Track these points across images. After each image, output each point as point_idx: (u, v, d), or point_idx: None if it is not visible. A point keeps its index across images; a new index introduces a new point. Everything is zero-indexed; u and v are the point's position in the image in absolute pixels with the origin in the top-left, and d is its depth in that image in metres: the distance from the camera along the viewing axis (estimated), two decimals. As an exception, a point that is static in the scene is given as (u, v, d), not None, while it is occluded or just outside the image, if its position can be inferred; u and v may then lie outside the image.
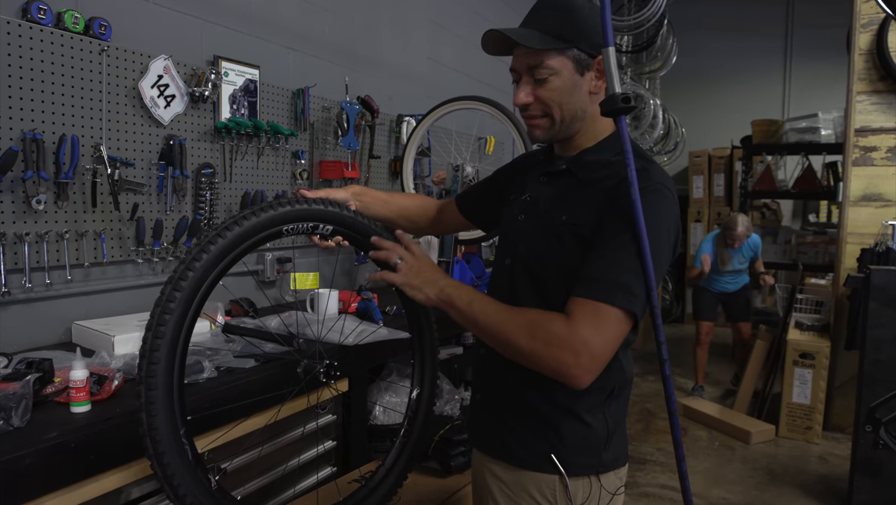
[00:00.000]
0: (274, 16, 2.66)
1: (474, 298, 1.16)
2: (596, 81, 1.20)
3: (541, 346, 1.06)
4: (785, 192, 5.78)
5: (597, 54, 1.18)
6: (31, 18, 1.77)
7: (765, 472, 3.49)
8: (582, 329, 1.04)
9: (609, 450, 1.20)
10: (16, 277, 1.78)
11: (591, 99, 1.21)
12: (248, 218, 1.22)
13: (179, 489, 1.14)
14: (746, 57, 7.42)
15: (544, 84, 1.19)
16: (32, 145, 1.75)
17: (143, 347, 1.13)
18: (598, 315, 1.05)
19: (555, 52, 1.17)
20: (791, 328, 4.17)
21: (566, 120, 1.21)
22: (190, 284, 1.16)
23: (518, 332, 1.09)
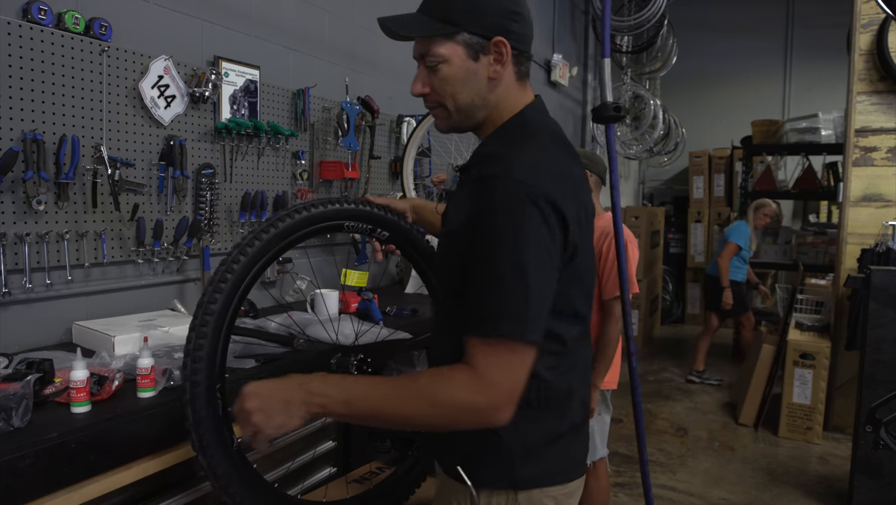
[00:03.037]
0: (274, 16, 2.66)
1: (350, 396, 1.02)
2: (495, 66, 1.10)
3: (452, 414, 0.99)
4: (785, 193, 5.78)
5: (492, 36, 1.09)
6: (32, 19, 1.77)
7: (765, 472, 3.49)
8: (488, 374, 0.96)
9: (530, 465, 1.09)
10: (16, 278, 1.78)
11: (491, 85, 1.12)
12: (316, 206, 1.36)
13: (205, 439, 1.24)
14: (747, 57, 7.42)
15: (436, 72, 1.11)
16: (33, 146, 1.75)
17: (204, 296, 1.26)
18: (496, 354, 0.96)
19: (442, 38, 1.09)
20: (791, 328, 4.17)
21: (462, 110, 1.13)
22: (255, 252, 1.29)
23: (420, 410, 0.99)
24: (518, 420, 1.03)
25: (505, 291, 0.97)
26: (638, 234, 6.02)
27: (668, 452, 3.73)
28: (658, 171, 7.90)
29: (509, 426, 1.04)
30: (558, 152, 1.11)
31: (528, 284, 0.96)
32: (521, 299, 0.96)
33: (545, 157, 1.06)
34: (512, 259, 0.96)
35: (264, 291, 2.63)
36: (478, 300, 0.99)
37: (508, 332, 0.96)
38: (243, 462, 1.31)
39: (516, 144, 1.08)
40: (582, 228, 1.07)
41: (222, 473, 1.26)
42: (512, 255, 0.96)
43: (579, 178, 1.12)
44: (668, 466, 3.54)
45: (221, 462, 1.26)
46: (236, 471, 1.28)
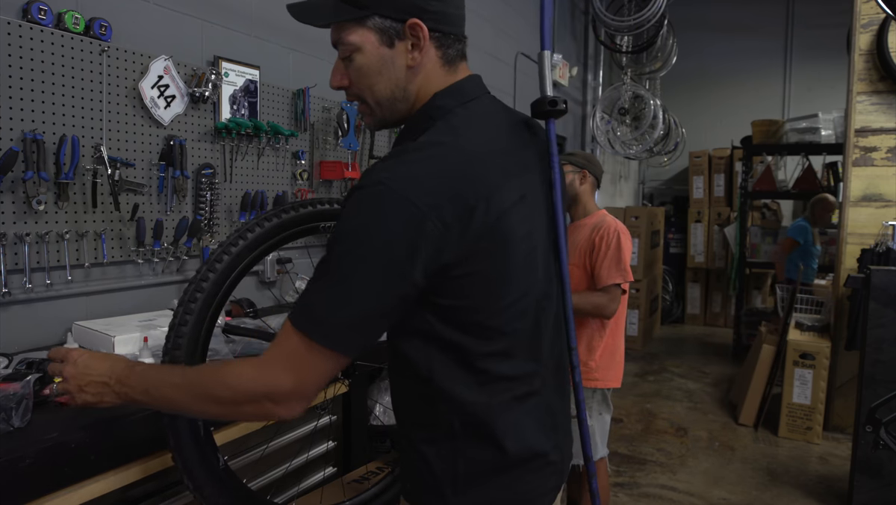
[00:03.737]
0: (274, 16, 2.66)
1: (148, 385, 1.01)
2: (412, 52, 0.98)
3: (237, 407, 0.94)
4: (785, 193, 5.78)
5: (406, 18, 0.96)
6: (32, 19, 1.77)
7: (765, 472, 3.49)
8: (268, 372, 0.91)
9: (467, 494, 0.99)
10: (16, 278, 1.78)
11: (410, 74, 1.00)
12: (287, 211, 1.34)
13: (189, 462, 1.22)
14: (747, 57, 7.42)
15: (351, 63, 1.00)
16: (33, 146, 1.75)
17: (188, 288, 1.24)
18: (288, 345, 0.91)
19: (352, 24, 0.98)
20: (791, 328, 4.17)
21: (383, 103, 1.02)
22: (223, 267, 1.26)
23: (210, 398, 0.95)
24: (448, 448, 0.99)
25: (318, 289, 0.91)
26: (638, 234, 6.02)
27: (668, 452, 3.73)
28: (658, 171, 7.90)
29: (435, 452, 0.99)
30: (452, 143, 0.95)
31: (344, 290, 0.88)
32: (329, 302, 0.89)
33: (422, 153, 0.92)
34: (344, 265, 0.88)
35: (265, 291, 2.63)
36: (306, 286, 0.93)
37: (304, 327, 0.89)
38: (231, 478, 1.29)
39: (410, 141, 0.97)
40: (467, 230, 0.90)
41: (209, 493, 1.24)
42: (346, 260, 0.88)
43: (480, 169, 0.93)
44: (668, 466, 3.54)
45: (208, 483, 1.24)
46: (224, 489, 1.27)
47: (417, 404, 1.02)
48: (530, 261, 1.00)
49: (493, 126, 1.04)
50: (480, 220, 0.91)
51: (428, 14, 0.97)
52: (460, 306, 0.94)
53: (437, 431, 0.99)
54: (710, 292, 7.26)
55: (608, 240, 2.35)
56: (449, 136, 0.96)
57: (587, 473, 1.12)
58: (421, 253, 0.87)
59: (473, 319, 0.95)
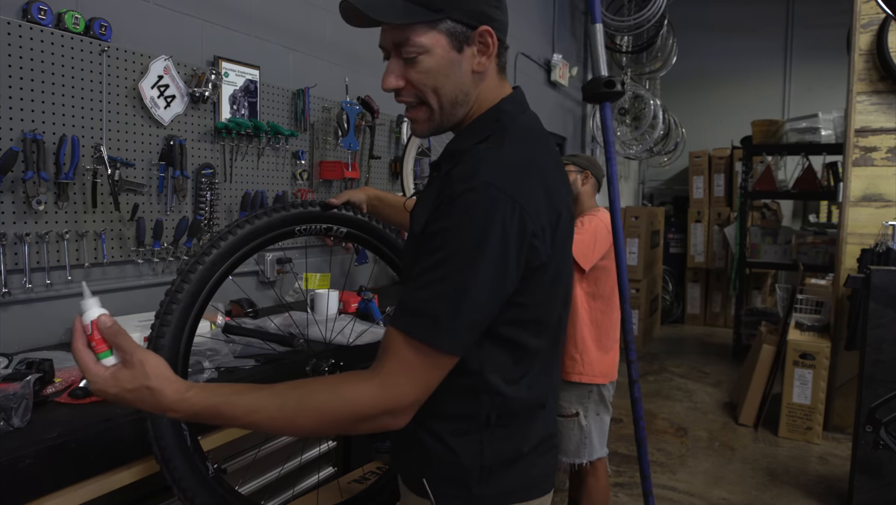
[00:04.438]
0: (274, 16, 2.66)
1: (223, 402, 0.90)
2: (480, 58, 1.00)
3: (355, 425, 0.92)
4: (785, 193, 5.78)
5: (477, 24, 0.98)
6: (32, 19, 1.77)
7: (765, 472, 3.49)
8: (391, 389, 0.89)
9: (488, 485, 1.02)
10: (16, 278, 1.78)
11: (475, 80, 1.02)
12: (260, 217, 1.34)
13: (176, 472, 1.20)
14: (747, 57, 7.42)
15: (414, 65, 0.99)
16: (33, 146, 1.75)
17: (165, 298, 1.24)
18: (405, 359, 0.89)
19: (423, 26, 0.97)
20: (791, 328, 4.17)
21: (445, 107, 1.02)
22: (198, 277, 1.24)
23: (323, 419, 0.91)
24: (476, 439, 1.01)
25: (438, 294, 0.89)
26: (638, 234, 6.02)
27: (667, 452, 3.73)
28: (658, 171, 7.90)
29: (465, 444, 1.00)
30: (532, 151, 1.00)
31: (466, 293, 0.88)
32: (451, 308, 0.88)
33: (517, 157, 0.96)
34: (459, 265, 0.88)
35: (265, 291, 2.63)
36: (410, 291, 0.91)
37: (425, 337, 0.89)
38: (221, 486, 1.29)
39: (489, 142, 0.99)
40: (555, 234, 0.97)
41: (201, 503, 1.24)
42: (460, 260, 0.88)
43: (554, 179, 1.01)
44: (668, 466, 3.54)
45: (199, 492, 1.24)
46: (215, 497, 1.26)
47: (455, 396, 1.00)
48: (570, 260, 1.09)
49: (544, 136, 1.09)
50: (562, 224, 0.99)
51: (496, 23, 1.00)
52: (529, 304, 0.98)
53: (471, 423, 1.01)
54: (710, 292, 7.26)
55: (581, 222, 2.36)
56: (528, 142, 1.01)
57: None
58: (524, 254, 0.92)
59: (535, 315, 1.00)
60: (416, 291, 0.91)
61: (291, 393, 0.92)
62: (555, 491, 2.93)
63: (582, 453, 2.42)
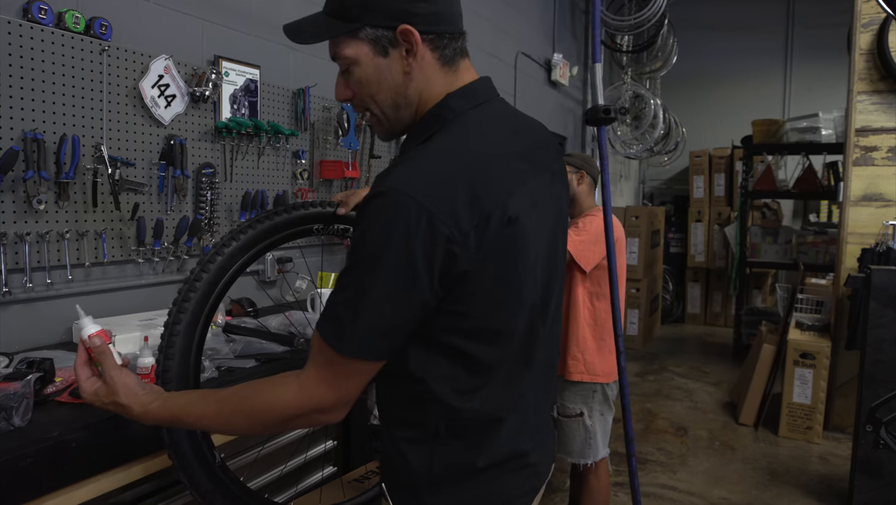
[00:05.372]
0: (274, 15, 2.66)
1: (179, 412, 1.03)
2: (407, 58, 0.97)
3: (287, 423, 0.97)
4: (785, 192, 5.78)
5: (395, 24, 0.95)
6: (32, 18, 1.77)
7: (765, 472, 3.49)
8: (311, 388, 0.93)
9: (439, 496, 1.00)
10: (17, 277, 1.78)
11: (408, 80, 0.99)
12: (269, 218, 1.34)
13: (184, 459, 1.22)
14: (747, 57, 7.42)
15: (350, 76, 1.01)
16: (33, 145, 1.75)
17: (172, 308, 1.25)
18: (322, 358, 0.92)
19: (346, 38, 0.98)
20: (791, 328, 4.17)
21: (388, 112, 1.02)
22: (216, 268, 1.26)
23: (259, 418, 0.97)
24: (425, 448, 0.99)
25: (343, 299, 0.90)
26: (638, 234, 6.02)
27: (668, 452, 3.73)
28: (658, 171, 7.90)
29: (416, 452, 0.99)
30: (463, 149, 0.94)
31: (365, 299, 0.88)
32: (352, 313, 0.89)
33: (438, 158, 0.92)
34: (362, 271, 0.88)
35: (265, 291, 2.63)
36: (329, 297, 0.94)
37: (332, 341, 0.90)
38: (228, 477, 1.30)
39: (430, 141, 0.96)
40: (483, 238, 0.89)
41: (206, 491, 1.25)
42: (364, 266, 0.88)
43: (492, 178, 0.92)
44: (668, 466, 3.54)
45: (204, 480, 1.25)
46: (221, 487, 1.27)
47: (406, 403, 1.01)
48: (534, 265, 1.00)
49: (506, 130, 1.03)
50: (496, 227, 0.90)
51: (418, 17, 0.96)
52: (468, 312, 0.93)
53: (421, 432, 0.99)
54: (710, 292, 7.26)
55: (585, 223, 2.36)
56: (463, 140, 0.95)
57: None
58: (438, 260, 0.87)
59: (478, 324, 0.95)
60: (332, 294, 0.93)
61: (230, 399, 1.00)
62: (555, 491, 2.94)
63: (587, 454, 2.41)
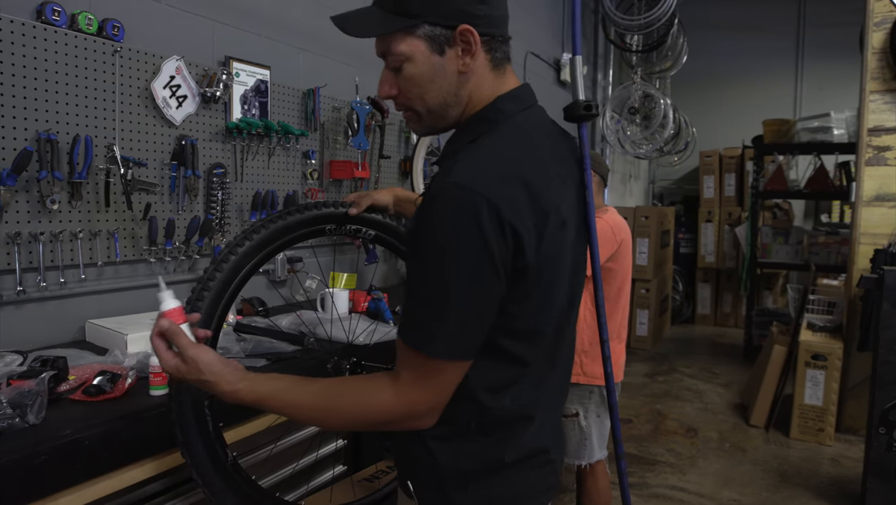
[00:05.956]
0: (285, 16, 2.67)
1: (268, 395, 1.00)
2: (464, 58, 0.97)
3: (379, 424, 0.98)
4: (797, 193, 5.73)
5: (456, 24, 0.95)
6: (46, 20, 1.79)
7: (776, 473, 3.47)
8: (407, 394, 0.93)
9: (466, 492, 1.01)
10: (31, 276, 1.80)
11: (462, 80, 0.99)
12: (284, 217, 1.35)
13: (196, 456, 1.23)
14: (758, 57, 7.38)
15: (400, 73, 0.99)
16: (47, 145, 1.77)
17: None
18: (414, 366, 0.93)
19: (401, 34, 0.96)
20: (803, 329, 4.14)
21: (434, 111, 1.01)
22: (230, 267, 1.27)
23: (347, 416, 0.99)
24: (453, 445, 1.00)
25: (423, 301, 0.91)
26: (648, 234, 6.00)
27: (677, 453, 3.71)
28: (668, 171, 7.86)
29: (444, 449, 1.00)
30: (520, 150, 0.96)
31: (448, 297, 0.88)
32: (436, 314, 0.89)
33: (498, 157, 0.93)
34: (438, 269, 0.88)
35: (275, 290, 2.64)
36: (405, 306, 0.95)
37: (421, 346, 0.91)
38: (239, 474, 1.31)
39: (479, 141, 0.97)
40: (542, 237, 0.92)
41: (218, 490, 1.26)
42: (438, 264, 0.88)
43: (545, 179, 0.95)
44: (677, 467, 3.52)
45: (216, 479, 1.26)
46: (232, 484, 1.28)
47: None
48: (569, 269, 1.02)
49: (546, 135, 1.04)
50: (552, 228, 0.93)
51: (477, 19, 0.96)
52: (518, 312, 0.94)
53: (450, 429, 1.00)
54: (720, 292, 7.22)
55: None
56: (515, 142, 0.97)
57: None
58: (508, 254, 0.88)
59: (523, 325, 0.96)
60: (407, 300, 0.94)
61: (322, 394, 0.99)
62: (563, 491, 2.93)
63: (581, 455, 2.40)
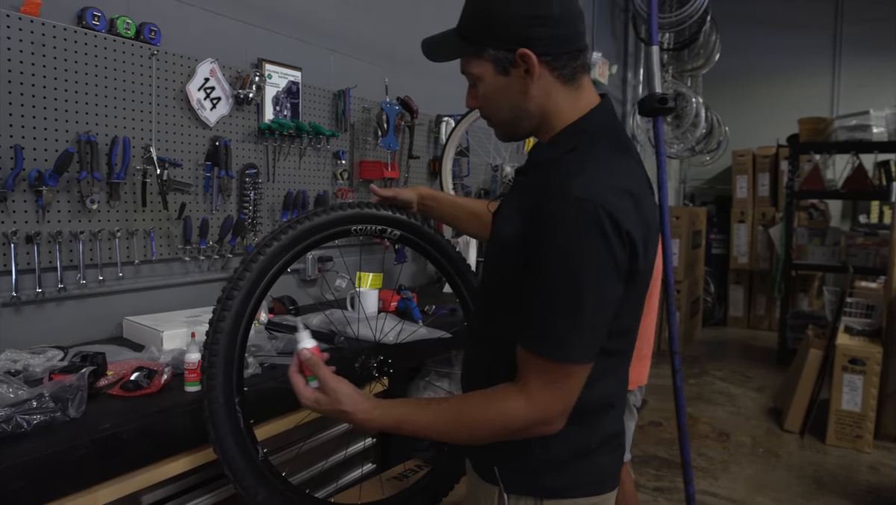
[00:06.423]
0: (316, 18, 2.70)
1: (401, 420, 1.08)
2: (524, 79, 1.05)
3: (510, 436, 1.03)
4: (834, 192, 5.59)
5: (516, 47, 1.03)
6: (86, 25, 1.84)
7: (811, 480, 3.39)
8: (538, 404, 0.99)
9: (557, 475, 1.09)
10: (71, 274, 1.85)
11: (527, 97, 1.07)
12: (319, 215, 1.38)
13: (228, 453, 1.25)
14: (793, 54, 7.21)
15: (476, 90, 1.12)
16: (87, 147, 1.82)
17: (213, 316, 1.28)
18: (545, 374, 0.98)
19: (472, 57, 1.08)
20: (840, 333, 4.04)
21: (506, 123, 1.13)
22: (259, 267, 1.30)
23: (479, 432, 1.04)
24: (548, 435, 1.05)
25: (557, 312, 0.96)
26: (679, 235, 5.91)
27: (709, 458, 3.65)
28: (699, 171, 7.73)
29: (539, 439, 1.05)
30: (624, 163, 1.04)
31: (581, 306, 0.95)
32: (571, 323, 0.96)
33: (608, 170, 1.00)
34: (570, 280, 0.95)
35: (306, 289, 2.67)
36: (531, 315, 0.99)
37: (554, 354, 0.97)
38: (270, 471, 1.33)
39: (577, 152, 1.02)
40: (647, 244, 1.01)
41: (249, 485, 1.28)
42: (570, 275, 0.95)
43: (645, 191, 1.04)
44: (709, 472, 3.46)
45: (248, 475, 1.28)
46: (264, 481, 1.30)
47: None
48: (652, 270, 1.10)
49: (630, 144, 1.13)
50: (653, 235, 1.04)
51: (536, 41, 1.03)
52: (621, 312, 1.02)
53: None
54: (753, 294, 7.08)
55: None
56: (615, 154, 1.04)
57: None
58: (626, 259, 0.97)
59: (620, 323, 1.04)
60: (539, 312, 0.98)
61: (448, 411, 1.07)
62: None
63: None
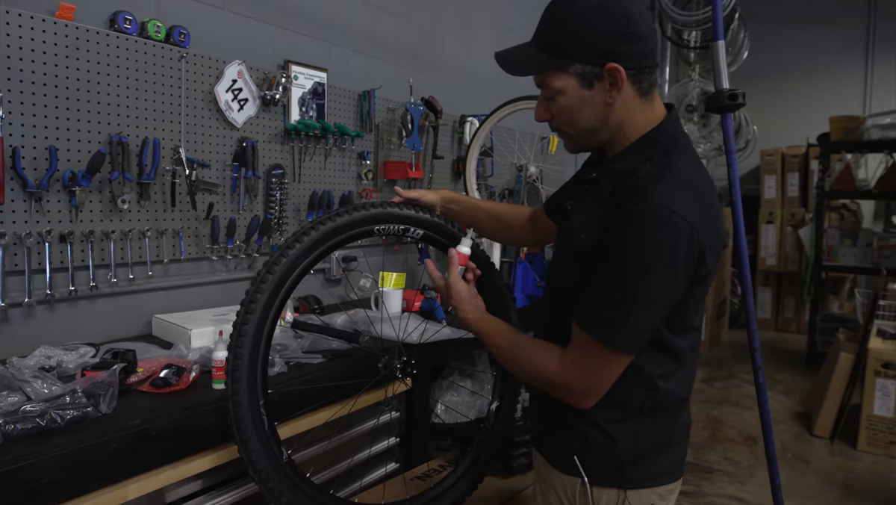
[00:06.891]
0: (341, 20, 2.72)
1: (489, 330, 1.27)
2: (610, 91, 1.09)
3: (540, 384, 1.18)
4: (866, 193, 5.46)
5: (604, 62, 1.06)
6: (118, 28, 1.87)
7: (841, 487, 3.32)
8: (567, 371, 1.10)
9: (640, 467, 1.15)
10: (102, 273, 1.89)
11: (609, 109, 1.11)
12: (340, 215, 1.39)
13: (253, 455, 1.27)
14: (824, 51, 7.06)
15: (554, 102, 1.14)
16: (118, 148, 1.85)
17: (237, 319, 1.29)
18: (584, 351, 1.08)
19: (555, 71, 1.10)
20: (873, 336, 3.94)
21: (583, 134, 1.15)
22: (282, 269, 1.31)
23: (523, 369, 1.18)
24: (630, 427, 1.14)
25: (612, 302, 1.03)
26: (705, 236, 5.81)
27: (735, 462, 3.60)
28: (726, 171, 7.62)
29: (622, 431, 1.14)
30: (693, 171, 1.09)
31: (634, 304, 1.02)
32: (622, 314, 1.03)
33: (684, 179, 1.05)
34: (632, 279, 1.01)
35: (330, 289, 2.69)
36: (589, 296, 1.07)
37: (602, 337, 1.04)
38: (294, 472, 1.34)
39: (652, 162, 1.08)
40: (716, 252, 1.07)
41: (273, 486, 1.29)
42: (633, 275, 1.01)
43: (714, 198, 1.10)
44: (735, 477, 3.41)
45: (272, 476, 1.29)
46: (288, 482, 1.31)
47: (613, 388, 1.12)
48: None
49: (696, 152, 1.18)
50: (721, 241, 1.10)
51: (623, 56, 1.07)
52: (685, 312, 1.10)
53: (627, 412, 1.14)
54: (782, 296, 6.95)
55: None
56: (696, 165, 1.12)
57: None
58: (692, 266, 1.03)
59: (688, 322, 1.13)
60: (596, 296, 1.06)
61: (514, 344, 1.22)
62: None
63: None
